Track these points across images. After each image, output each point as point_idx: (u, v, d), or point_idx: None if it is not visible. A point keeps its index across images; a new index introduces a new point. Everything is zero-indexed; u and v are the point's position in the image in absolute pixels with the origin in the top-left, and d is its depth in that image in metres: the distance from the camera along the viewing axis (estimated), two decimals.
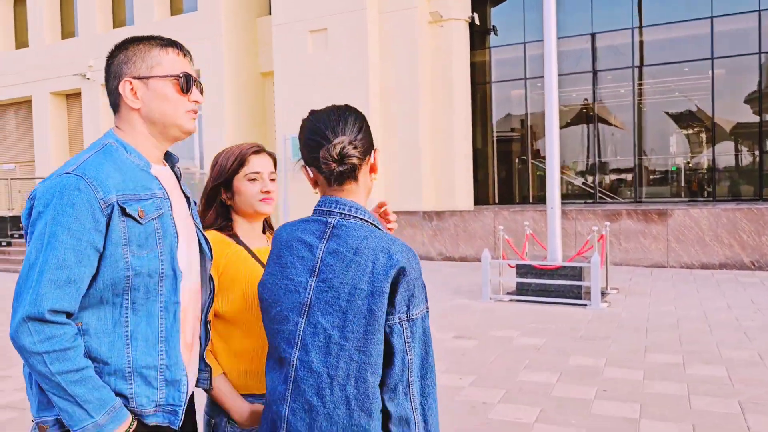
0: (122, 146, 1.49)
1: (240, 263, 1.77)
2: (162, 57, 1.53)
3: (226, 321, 1.76)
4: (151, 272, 1.43)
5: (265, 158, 1.89)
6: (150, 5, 15.39)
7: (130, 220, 1.40)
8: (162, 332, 1.46)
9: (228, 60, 14.37)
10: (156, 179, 1.51)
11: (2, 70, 18.16)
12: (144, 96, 1.51)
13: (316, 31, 13.07)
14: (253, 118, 15.12)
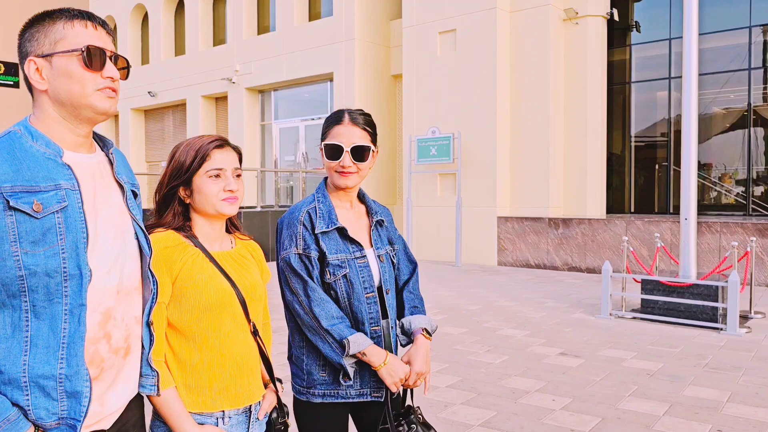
0: (29, 133, 1.36)
1: (196, 269, 1.63)
2: (66, 30, 1.37)
3: (177, 331, 1.63)
4: (49, 271, 1.29)
5: (229, 153, 1.71)
6: (290, 12, 16.11)
7: (19, 214, 1.27)
8: (64, 338, 1.32)
9: (360, 63, 14.66)
10: (67, 168, 1.36)
11: (164, 76, 19.94)
12: (49, 75, 1.37)
13: (444, 32, 12.94)
14: (383, 120, 15.30)
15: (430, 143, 12.70)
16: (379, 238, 2.07)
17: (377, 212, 2.10)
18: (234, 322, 1.69)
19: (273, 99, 17.46)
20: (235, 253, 1.77)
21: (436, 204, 13.12)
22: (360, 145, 1.95)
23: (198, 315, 1.62)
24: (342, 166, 1.95)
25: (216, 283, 1.65)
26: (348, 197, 2.06)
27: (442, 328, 6.65)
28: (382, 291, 2.01)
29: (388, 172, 15.53)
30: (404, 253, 2.19)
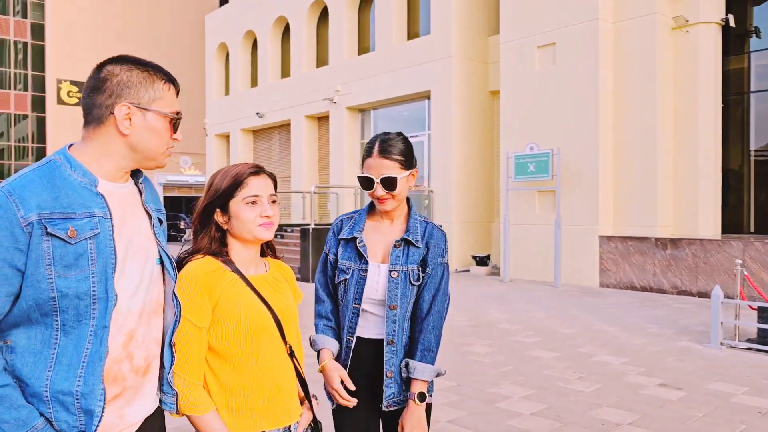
0: (68, 162, 1.44)
1: (235, 295, 1.67)
2: (164, 92, 1.52)
3: (218, 355, 1.67)
4: (79, 294, 1.37)
5: (265, 180, 1.75)
6: (389, 32, 16.38)
7: (55, 240, 1.35)
8: (85, 357, 1.39)
9: (457, 79, 14.62)
10: (101, 197, 1.45)
11: (271, 97, 20.88)
12: (138, 124, 1.48)
13: (543, 46, 12.64)
14: (480, 136, 15.15)
15: (528, 160, 12.40)
16: (402, 257, 2.11)
17: (411, 232, 2.14)
18: (271, 345, 1.73)
19: (372, 117, 17.78)
20: (270, 277, 1.82)
21: (534, 222, 12.76)
22: (389, 177, 2.07)
23: (237, 339, 1.66)
24: (376, 195, 2.11)
25: (254, 308, 1.69)
26: (388, 216, 2.19)
27: (532, 351, 6.42)
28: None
29: (486, 189, 15.31)
30: (436, 283, 2.14)
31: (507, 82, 13.33)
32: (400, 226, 2.19)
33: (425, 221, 2.20)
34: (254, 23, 21.84)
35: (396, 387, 2.09)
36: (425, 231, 2.17)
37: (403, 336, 2.12)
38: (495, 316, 8.60)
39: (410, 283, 2.10)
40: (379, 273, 2.11)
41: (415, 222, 2.17)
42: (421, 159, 16.30)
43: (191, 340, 1.61)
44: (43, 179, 1.39)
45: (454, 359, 6.09)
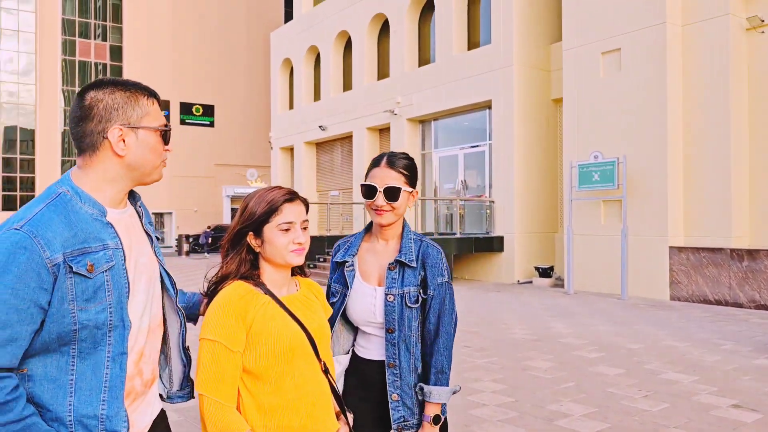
0: (76, 194, 1.47)
1: (268, 317, 1.69)
2: (149, 107, 1.55)
3: (254, 376, 1.69)
4: (98, 325, 1.42)
5: (299, 206, 1.78)
6: (449, 42, 16.36)
7: (77, 276, 1.39)
8: (106, 382, 1.45)
9: (518, 88, 14.43)
10: (110, 227, 1.50)
11: (333, 110, 21.20)
12: (132, 144, 1.51)
13: (608, 52, 12.32)
14: (542, 145, 14.88)
15: (593, 168, 12.07)
16: (398, 280, 2.08)
17: (404, 253, 2.10)
18: (306, 363, 1.75)
19: (433, 128, 17.76)
20: (301, 296, 1.84)
21: (600, 232, 12.39)
22: (392, 186, 2.06)
23: (273, 360, 1.68)
24: (376, 205, 2.07)
25: (288, 329, 1.71)
26: (384, 234, 2.15)
27: (595, 367, 6.21)
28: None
29: (549, 199, 15.00)
30: (440, 303, 2.10)
31: (570, 89, 13.05)
32: (395, 246, 2.13)
33: (419, 239, 2.14)
34: (317, 39, 22.27)
35: (405, 411, 2.05)
36: (419, 250, 2.11)
37: (410, 359, 2.07)
38: (557, 329, 8.38)
39: (407, 305, 2.06)
40: (375, 296, 2.08)
41: (408, 241, 2.12)
42: (482, 169, 16.15)
43: (225, 363, 1.64)
44: (60, 216, 1.42)
45: (512, 374, 5.96)
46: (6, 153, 37.39)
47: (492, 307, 10.44)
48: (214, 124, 39.73)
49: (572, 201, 12.69)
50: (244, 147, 39.90)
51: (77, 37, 38.30)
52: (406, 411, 2.05)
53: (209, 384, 1.62)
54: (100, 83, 1.53)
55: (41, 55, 37.30)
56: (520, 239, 14.44)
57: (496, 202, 14.90)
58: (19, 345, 1.35)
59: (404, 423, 2.05)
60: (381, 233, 2.15)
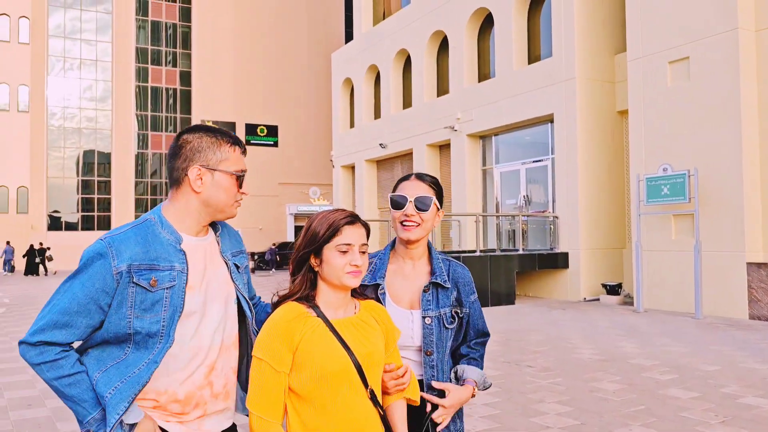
0: (160, 222, 1.73)
1: (315, 340, 1.70)
2: (230, 153, 1.76)
3: (299, 397, 1.71)
4: (150, 334, 1.65)
5: (359, 229, 1.79)
6: (509, 57, 16.21)
7: (138, 288, 1.63)
8: (128, 377, 1.64)
9: (581, 101, 14.12)
10: (182, 253, 1.72)
11: (393, 128, 21.34)
12: (208, 183, 1.74)
13: (675, 61, 11.90)
14: (608, 158, 14.48)
15: (662, 182, 11.63)
16: (432, 302, 2.05)
17: (438, 274, 2.07)
18: (351, 390, 1.73)
19: (494, 143, 17.58)
20: (357, 320, 1.83)
21: (671, 248, 11.89)
22: (423, 196, 2.04)
23: (316, 383, 1.69)
24: (405, 215, 2.02)
25: (333, 353, 1.71)
26: (410, 254, 2.11)
27: (667, 390, 5.92)
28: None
29: (616, 213, 14.55)
30: (476, 320, 2.15)
31: (636, 100, 12.67)
32: (424, 268, 2.11)
33: (447, 259, 2.14)
34: (377, 58, 22.53)
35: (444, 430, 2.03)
36: (449, 270, 2.11)
37: (446, 379, 2.08)
38: (627, 349, 8.06)
39: (444, 327, 2.06)
40: (412, 320, 2.04)
41: (438, 262, 2.10)
42: (545, 184, 15.84)
43: (270, 382, 1.68)
44: (138, 236, 1.69)
45: (578, 395, 5.76)
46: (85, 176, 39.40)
47: (557, 326, 10.16)
48: (278, 144, 40.67)
49: (640, 215, 12.26)
50: (307, 166, 40.63)
51: (149, 64, 40.15)
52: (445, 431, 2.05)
53: (256, 401, 1.68)
54: (195, 128, 1.77)
55: (116, 82, 39.27)
56: (586, 255, 14.04)
57: (560, 218, 14.57)
58: (72, 332, 1.61)
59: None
60: (407, 253, 2.10)
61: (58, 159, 38.58)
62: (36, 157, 37.82)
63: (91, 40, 39.28)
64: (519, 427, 4.83)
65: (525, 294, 15.47)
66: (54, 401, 5.84)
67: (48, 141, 38.15)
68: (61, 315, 1.61)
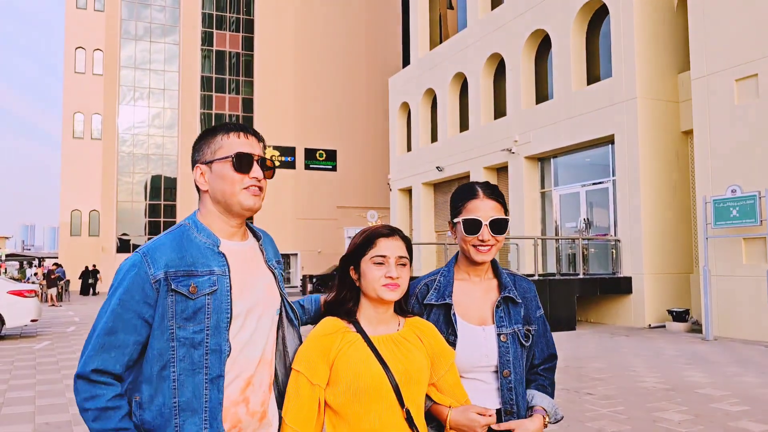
0: (195, 226, 1.65)
1: (351, 354, 1.68)
2: (223, 141, 1.66)
3: (335, 411, 1.69)
4: (195, 344, 1.53)
5: (396, 241, 1.75)
6: (568, 77, 15.99)
7: (178, 296, 1.54)
8: (206, 404, 1.54)
9: (643, 121, 13.75)
10: (222, 256, 1.62)
11: (450, 151, 21.31)
12: (209, 178, 1.66)
13: (743, 78, 11.46)
14: (672, 180, 13.99)
15: (730, 204, 11.15)
16: (506, 317, 1.94)
17: (509, 288, 1.97)
18: (386, 408, 1.69)
19: (552, 165, 17.30)
20: (398, 337, 1.78)
21: (742, 273, 11.33)
22: (498, 218, 1.94)
23: (351, 398, 1.67)
24: (481, 240, 1.93)
25: (369, 370, 1.68)
26: (478, 272, 2.01)
27: (738, 422, 5.59)
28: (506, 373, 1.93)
29: (682, 236, 14.00)
30: (543, 337, 2.02)
31: (701, 120, 12.24)
32: (489, 282, 2.01)
33: (511, 274, 2.04)
34: (433, 82, 22.65)
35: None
36: (515, 284, 2.01)
37: (524, 405, 1.93)
38: (694, 379, 7.68)
39: (521, 344, 1.94)
40: (485, 337, 1.91)
41: (506, 277, 2.01)
42: (606, 206, 15.43)
43: (305, 394, 1.68)
44: (173, 242, 1.61)
45: (641, 425, 5.52)
46: (152, 200, 40.99)
47: (619, 353, 9.79)
48: (336, 168, 41.25)
49: (708, 239, 11.75)
50: (365, 189, 40.99)
51: (214, 92, 41.65)
52: None
53: (289, 411, 1.68)
54: (199, 135, 1.73)
55: (182, 109, 40.88)
56: (650, 280, 13.53)
57: (622, 241, 14.13)
58: (123, 352, 1.51)
59: None
60: (473, 270, 2.01)
61: (127, 184, 40.30)
62: (107, 182, 39.64)
63: (159, 70, 41.11)
64: None
65: (586, 320, 15.01)
66: None
67: (118, 167, 39.94)
68: (106, 336, 1.51)
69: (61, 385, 7.66)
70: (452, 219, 2.02)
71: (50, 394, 7.14)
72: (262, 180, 1.66)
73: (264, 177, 1.67)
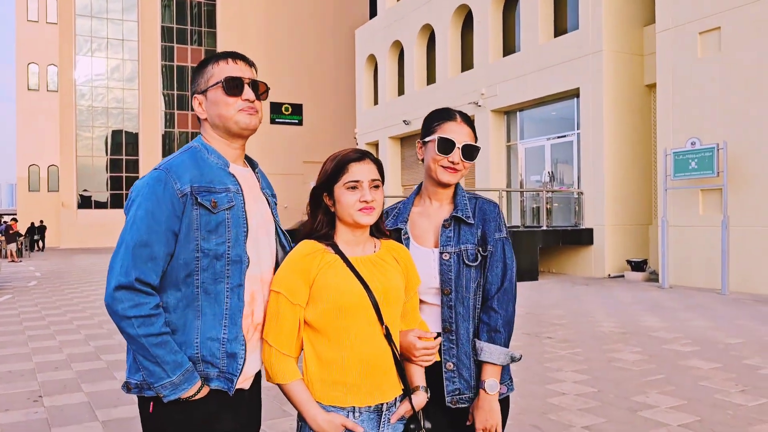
0: (204, 148, 1.75)
1: (331, 274, 1.71)
2: (214, 69, 1.75)
3: (315, 330, 1.73)
4: (218, 255, 1.64)
5: (368, 165, 1.76)
6: (535, 30, 15.93)
7: (202, 209, 1.64)
8: (227, 310, 1.66)
9: (608, 74, 13.84)
10: (233, 176, 1.74)
11: (416, 104, 21.19)
12: (206, 107, 1.76)
13: (706, 31, 11.57)
14: (635, 133, 14.21)
15: (689, 156, 11.40)
16: (453, 238, 1.94)
17: (460, 208, 1.98)
18: (366, 324, 1.73)
19: (518, 119, 17.38)
20: (376, 258, 1.81)
21: (698, 223, 11.68)
22: (472, 145, 1.98)
23: (333, 315, 1.70)
24: (452, 162, 1.95)
25: (349, 286, 1.72)
26: (440, 196, 2.02)
27: (688, 360, 5.86)
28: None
29: (642, 189, 14.31)
30: (501, 261, 1.97)
31: (664, 73, 12.38)
32: (449, 206, 2.01)
33: (474, 197, 2.02)
34: (400, 34, 22.33)
35: (461, 382, 1.91)
36: (476, 206, 1.99)
37: (469, 325, 1.92)
38: (649, 323, 7.98)
39: (465, 264, 1.91)
40: (433, 257, 1.93)
41: (463, 198, 2.00)
42: (570, 160, 15.63)
43: (286, 314, 1.71)
44: (191, 160, 1.71)
45: (597, 365, 5.74)
46: (113, 155, 40.01)
47: (580, 301, 10.09)
48: (303, 122, 40.74)
49: (667, 191, 12.05)
50: (332, 143, 40.63)
51: (175, 43, 40.39)
52: (462, 383, 1.91)
53: (271, 332, 1.73)
54: (194, 68, 1.80)
55: (143, 61, 39.61)
56: (611, 231, 13.87)
57: (585, 194, 14.38)
58: (158, 264, 1.60)
59: (459, 396, 1.91)
60: (435, 194, 2.02)
61: (87, 139, 39.20)
62: (66, 137, 38.48)
63: (117, 19, 39.60)
64: (535, 393, 4.84)
65: (548, 270, 15.37)
66: (80, 364, 6.01)
67: (77, 121, 38.75)
68: (141, 248, 1.58)
69: (23, 336, 7.59)
70: (424, 138, 2.02)
71: (12, 345, 7.08)
72: (256, 101, 1.75)
73: (257, 99, 1.76)
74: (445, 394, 1.91)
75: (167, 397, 1.60)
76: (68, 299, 11.30)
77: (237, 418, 1.75)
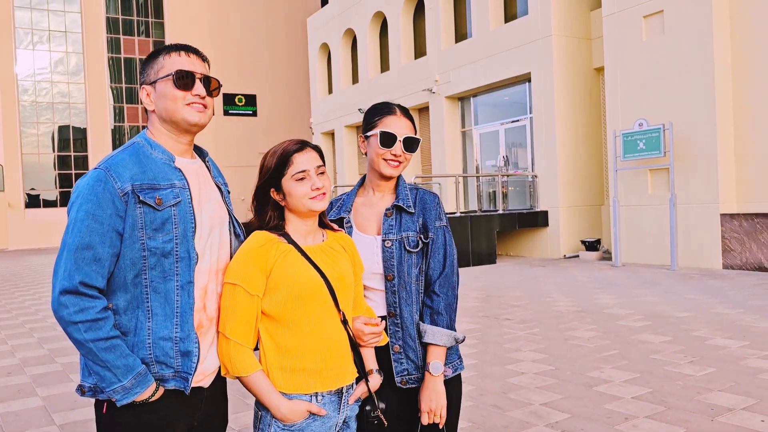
0: (148, 143, 1.70)
1: (287, 263, 1.74)
2: (165, 61, 1.70)
3: (273, 319, 1.75)
4: (165, 253, 1.61)
5: (310, 153, 1.80)
6: (486, 16, 16.06)
7: (146, 207, 1.60)
8: (178, 309, 1.64)
9: (558, 59, 14.08)
10: (179, 171, 1.70)
11: (371, 92, 21.14)
12: (154, 98, 1.71)
13: (650, 15, 11.87)
14: (585, 116, 14.51)
15: (638, 137, 11.72)
16: (395, 226, 2.04)
17: (401, 198, 2.07)
18: (324, 311, 1.78)
19: (472, 105, 17.54)
20: (326, 246, 1.86)
21: (647, 202, 12.04)
22: (412, 137, 2.06)
23: (291, 304, 1.73)
24: (394, 154, 2.03)
25: (306, 275, 1.75)
26: (382, 187, 2.11)
27: (639, 335, 6.07)
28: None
29: (593, 170, 14.65)
30: (443, 248, 2.06)
31: (611, 56, 12.66)
32: (391, 197, 2.11)
33: (415, 188, 2.13)
34: (353, 21, 22.21)
35: (408, 363, 2.00)
36: (416, 197, 2.09)
37: (412, 309, 2.01)
38: (603, 300, 8.22)
39: (406, 250, 2.01)
40: (375, 244, 2.03)
41: (404, 189, 2.10)
42: (524, 144, 15.88)
43: (243, 305, 1.72)
44: (132, 157, 1.66)
45: (554, 344, 5.89)
46: (61, 151, 38.75)
47: (536, 282, 10.31)
48: (257, 113, 40.21)
49: (617, 171, 12.37)
50: (287, 134, 40.25)
51: (121, 35, 39.26)
52: (409, 364, 1.99)
53: (227, 325, 1.72)
54: (145, 58, 1.77)
55: (88, 54, 38.38)
56: (565, 213, 14.18)
57: (539, 177, 14.65)
58: (104, 266, 1.56)
59: (408, 376, 1.99)
60: (378, 186, 2.11)
61: (32, 135, 37.83)
62: (9, 134, 37.05)
63: (59, 11, 38.24)
64: (495, 374, 4.94)
65: (506, 253, 15.63)
66: (34, 368, 5.86)
67: (20, 117, 37.36)
68: (84, 251, 1.54)
69: None
70: (366, 133, 2.09)
71: None
72: (206, 98, 1.72)
73: (208, 95, 1.73)
74: (395, 375, 1.99)
75: (120, 401, 1.58)
76: (19, 302, 10.97)
77: (196, 417, 1.74)
